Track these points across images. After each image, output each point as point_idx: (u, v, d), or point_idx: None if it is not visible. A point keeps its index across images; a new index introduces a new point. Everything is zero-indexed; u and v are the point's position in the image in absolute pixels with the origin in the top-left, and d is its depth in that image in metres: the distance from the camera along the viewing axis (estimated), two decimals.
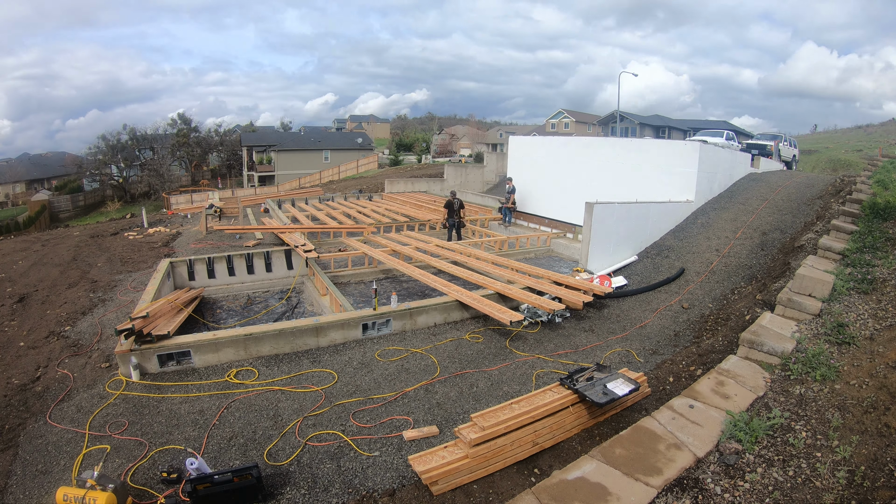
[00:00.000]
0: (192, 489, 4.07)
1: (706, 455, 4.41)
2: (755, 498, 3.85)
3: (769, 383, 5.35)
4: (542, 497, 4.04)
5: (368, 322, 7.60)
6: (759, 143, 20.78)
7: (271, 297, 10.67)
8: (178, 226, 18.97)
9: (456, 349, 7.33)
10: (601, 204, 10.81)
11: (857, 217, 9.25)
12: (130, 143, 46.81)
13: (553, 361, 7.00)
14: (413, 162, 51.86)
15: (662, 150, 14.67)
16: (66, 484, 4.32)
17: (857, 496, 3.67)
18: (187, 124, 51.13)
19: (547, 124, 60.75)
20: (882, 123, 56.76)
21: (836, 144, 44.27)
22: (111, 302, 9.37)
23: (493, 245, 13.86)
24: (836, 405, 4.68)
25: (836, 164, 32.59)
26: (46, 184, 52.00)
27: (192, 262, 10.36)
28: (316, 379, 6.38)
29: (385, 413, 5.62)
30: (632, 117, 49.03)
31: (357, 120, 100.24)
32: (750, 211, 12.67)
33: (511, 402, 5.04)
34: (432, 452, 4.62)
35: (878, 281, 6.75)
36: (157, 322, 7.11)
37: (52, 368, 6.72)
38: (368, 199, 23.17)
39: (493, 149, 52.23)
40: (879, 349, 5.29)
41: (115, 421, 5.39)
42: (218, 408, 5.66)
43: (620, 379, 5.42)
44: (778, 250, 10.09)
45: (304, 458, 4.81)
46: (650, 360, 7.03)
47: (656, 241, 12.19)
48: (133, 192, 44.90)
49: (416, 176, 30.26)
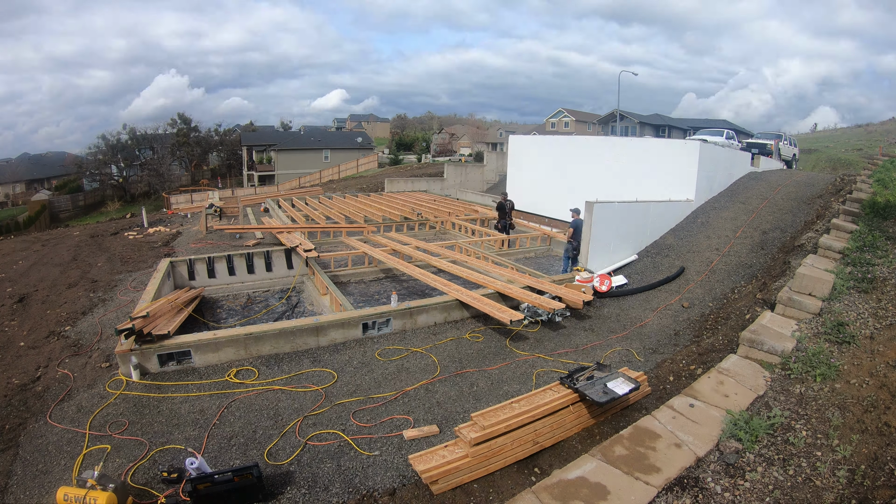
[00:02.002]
0: (192, 489, 4.07)
1: (706, 454, 4.41)
2: (755, 497, 3.85)
3: (769, 382, 5.34)
4: (542, 496, 4.04)
5: (368, 321, 7.60)
6: (760, 142, 20.76)
7: (271, 296, 10.67)
8: (178, 225, 18.98)
9: (456, 348, 7.33)
10: (601, 203, 10.80)
11: (857, 216, 9.24)
12: (130, 143, 46.84)
13: (553, 360, 7.00)
14: (413, 161, 51.81)
15: (662, 150, 14.67)
16: (66, 484, 4.32)
17: (858, 495, 3.67)
18: (187, 124, 51.12)
19: (547, 123, 60.74)
20: (882, 122, 56.69)
21: (836, 143, 44.22)
22: (111, 302, 9.37)
23: (493, 244, 13.86)
24: (837, 404, 4.67)
25: (836, 163, 32.56)
26: (46, 184, 52.00)
27: (192, 262, 10.36)
28: (316, 378, 6.38)
29: (385, 412, 5.62)
30: (632, 116, 49.02)
31: (357, 119, 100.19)
32: (750, 210, 12.66)
33: (511, 402, 5.04)
34: (432, 452, 4.62)
35: (879, 280, 6.75)
36: (157, 322, 7.10)
37: (53, 368, 6.72)
38: (367, 196, 23.16)
39: (493, 148, 52.21)
40: (879, 348, 5.29)
41: (116, 421, 5.39)
42: (218, 407, 5.66)
43: (620, 378, 5.42)
44: (778, 249, 10.09)
45: (305, 457, 4.81)
46: (650, 359, 7.03)
47: (656, 240, 12.18)
48: (133, 191, 44.91)
49: (416, 175, 30.24)
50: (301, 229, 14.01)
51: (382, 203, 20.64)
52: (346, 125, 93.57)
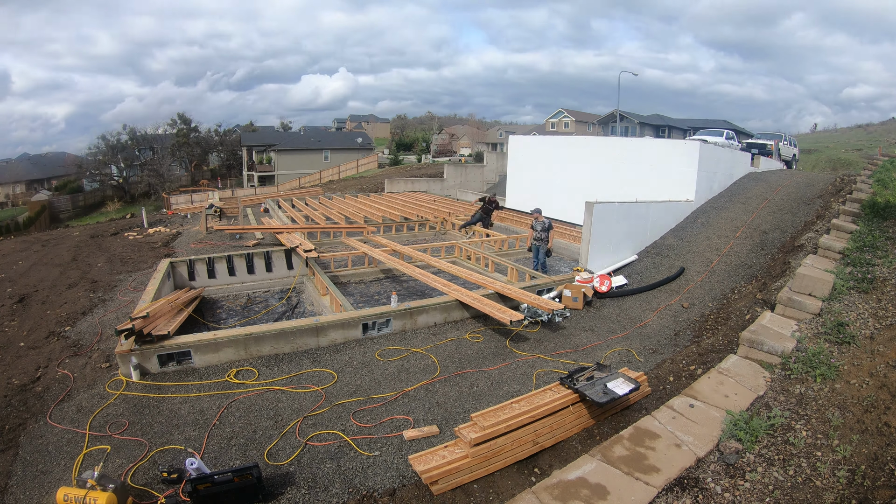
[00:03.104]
0: (192, 489, 4.07)
1: (706, 454, 4.41)
2: (755, 497, 3.85)
3: (769, 382, 5.35)
4: (542, 496, 4.04)
5: (368, 322, 7.60)
6: (759, 143, 20.78)
7: (271, 297, 10.66)
8: (178, 226, 18.98)
9: (456, 349, 7.33)
10: (601, 203, 10.80)
11: (857, 216, 9.25)
12: (130, 143, 46.82)
13: (553, 361, 7.00)
14: (413, 161, 51.81)
15: (662, 150, 14.68)
16: (66, 484, 4.32)
17: (858, 495, 3.67)
18: (187, 124, 51.13)
19: (547, 124, 60.76)
20: (882, 122, 56.75)
21: (835, 144, 44.26)
22: (111, 302, 9.37)
23: (492, 245, 13.86)
24: (837, 404, 4.67)
25: (836, 164, 32.60)
26: (46, 184, 51.99)
27: (192, 262, 10.36)
28: (316, 379, 6.38)
29: (385, 413, 5.62)
30: (632, 116, 49.05)
31: (357, 119, 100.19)
32: (750, 210, 12.67)
33: (511, 402, 5.04)
34: (432, 452, 4.62)
35: (879, 280, 6.75)
36: (157, 322, 7.10)
37: (53, 369, 6.72)
38: (367, 197, 23.15)
39: (493, 148, 52.24)
40: (879, 348, 5.28)
41: (116, 421, 5.39)
42: (218, 408, 5.65)
43: (620, 378, 5.42)
44: (778, 249, 10.09)
45: (305, 457, 4.81)
46: (650, 359, 7.03)
47: (656, 240, 12.19)
48: (133, 192, 44.90)
49: (416, 175, 30.23)
50: (301, 230, 14.01)
51: (382, 203, 20.64)
52: (346, 125, 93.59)
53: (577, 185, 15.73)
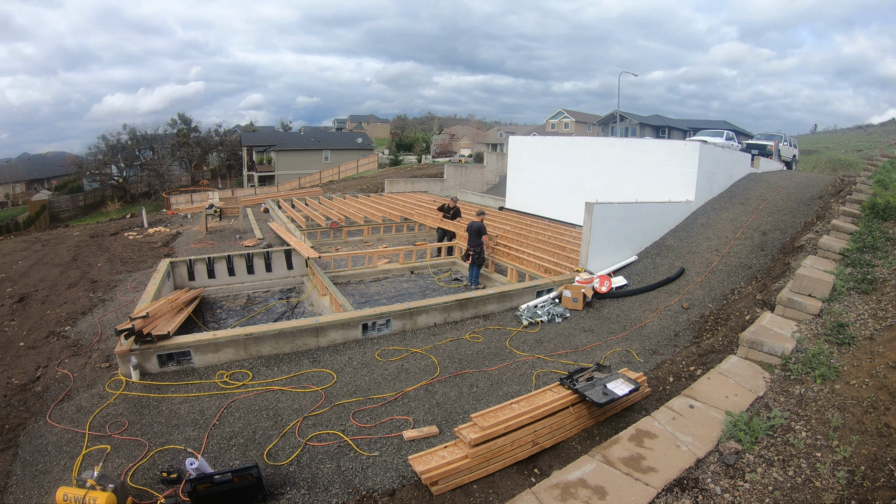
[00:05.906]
0: (192, 489, 4.06)
1: (706, 455, 4.41)
2: (755, 498, 3.85)
3: (769, 383, 5.35)
4: (542, 497, 4.04)
5: (368, 322, 7.60)
6: (759, 143, 20.76)
7: (271, 297, 10.67)
8: (178, 226, 18.99)
9: (456, 349, 7.33)
10: (601, 204, 10.80)
11: (857, 217, 9.25)
12: (130, 143, 46.84)
13: (553, 361, 7.00)
14: (413, 162, 51.81)
15: (662, 150, 14.66)
16: (66, 484, 4.32)
17: (858, 496, 3.67)
18: (187, 124, 51.15)
19: (547, 124, 60.78)
20: (882, 124, 56.82)
21: (835, 144, 44.30)
22: (111, 302, 9.37)
23: None
24: (836, 405, 4.67)
25: (836, 164, 32.63)
26: (46, 184, 52.05)
27: (192, 262, 10.36)
28: (316, 379, 6.38)
29: (385, 413, 5.62)
30: (632, 117, 49.10)
31: (357, 120, 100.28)
32: (750, 211, 12.66)
33: (511, 402, 5.04)
34: (432, 452, 4.62)
35: (878, 281, 6.75)
36: (157, 322, 7.10)
37: (52, 368, 6.72)
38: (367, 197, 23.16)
39: (493, 149, 52.24)
40: (879, 349, 5.29)
41: (115, 421, 5.39)
42: (218, 408, 5.65)
43: (620, 379, 5.42)
44: (778, 250, 10.09)
45: (304, 458, 4.81)
46: (650, 360, 7.03)
47: (656, 240, 12.18)
48: (133, 192, 44.92)
49: (416, 176, 30.23)
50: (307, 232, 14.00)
51: (382, 204, 20.64)
52: (347, 126, 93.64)
53: (577, 185, 15.73)
